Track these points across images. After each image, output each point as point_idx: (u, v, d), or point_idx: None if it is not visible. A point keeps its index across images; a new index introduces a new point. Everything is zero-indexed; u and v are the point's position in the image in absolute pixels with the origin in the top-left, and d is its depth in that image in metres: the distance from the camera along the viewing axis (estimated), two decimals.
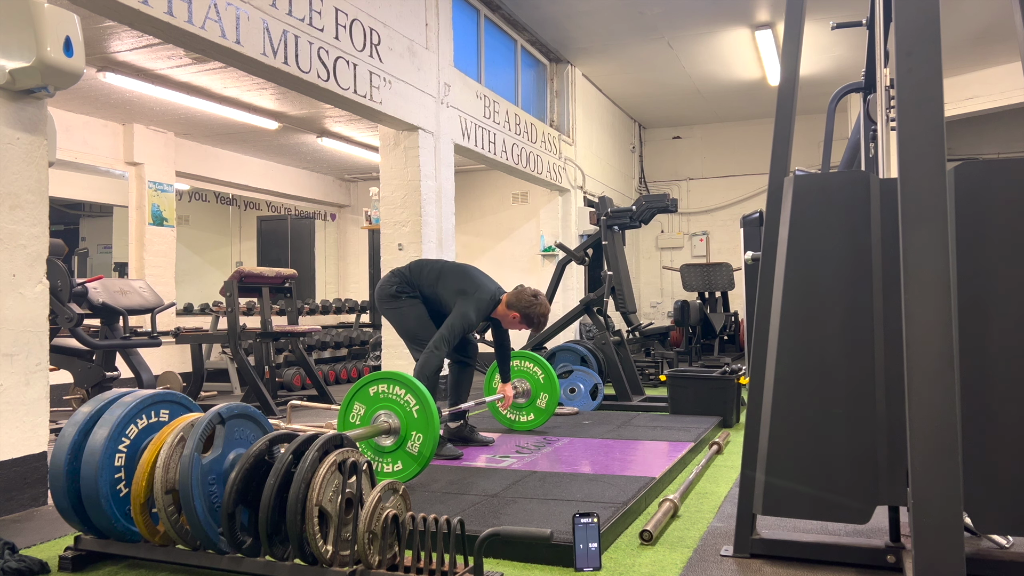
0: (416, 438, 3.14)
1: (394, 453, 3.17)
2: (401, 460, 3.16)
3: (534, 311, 3.99)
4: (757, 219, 4.10)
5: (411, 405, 3.16)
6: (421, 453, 3.13)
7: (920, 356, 1.87)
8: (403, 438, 3.16)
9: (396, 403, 3.19)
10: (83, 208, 9.69)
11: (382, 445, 3.19)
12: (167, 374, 6.65)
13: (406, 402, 3.18)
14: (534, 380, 4.66)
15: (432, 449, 3.13)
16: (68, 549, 2.41)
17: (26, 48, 3.00)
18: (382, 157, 6.29)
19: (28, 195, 3.13)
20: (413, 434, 3.15)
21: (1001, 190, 2.12)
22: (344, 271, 11.40)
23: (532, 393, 4.65)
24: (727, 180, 12.08)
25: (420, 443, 3.13)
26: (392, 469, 3.17)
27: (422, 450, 3.13)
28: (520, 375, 4.68)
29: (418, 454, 3.13)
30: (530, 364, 4.68)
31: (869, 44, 3.01)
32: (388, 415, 3.19)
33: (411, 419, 3.16)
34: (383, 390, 3.22)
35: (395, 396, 3.20)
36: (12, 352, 3.05)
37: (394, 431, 3.17)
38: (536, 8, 7.77)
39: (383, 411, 3.20)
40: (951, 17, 7.56)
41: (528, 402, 4.66)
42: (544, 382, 4.65)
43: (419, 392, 3.15)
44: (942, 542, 1.81)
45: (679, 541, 2.60)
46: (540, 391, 4.64)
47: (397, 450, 3.17)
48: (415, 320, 4.01)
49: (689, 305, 9.45)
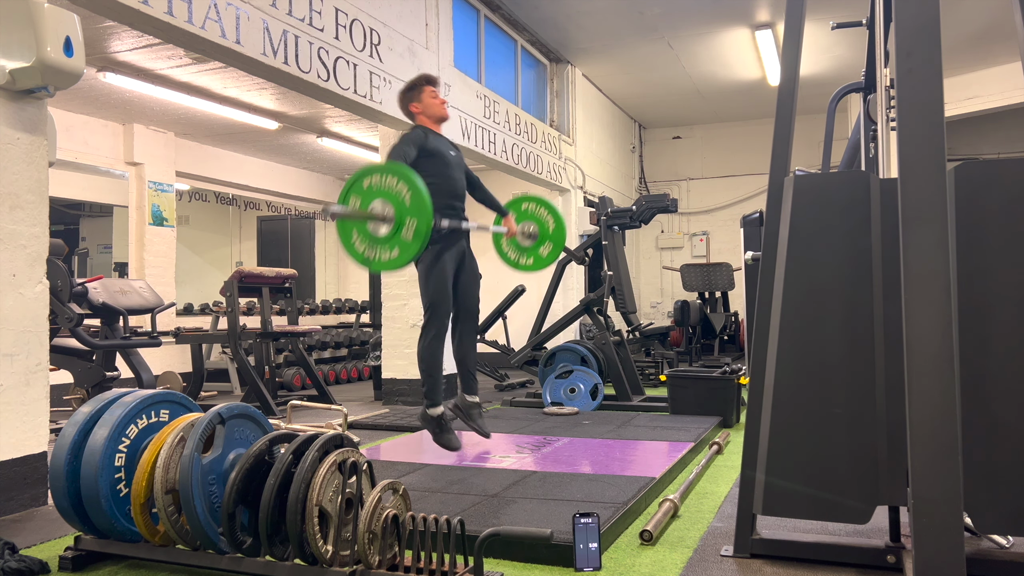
0: (410, 223, 3.20)
1: (391, 240, 3.24)
2: (398, 246, 3.22)
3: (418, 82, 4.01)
4: (757, 219, 4.10)
5: (403, 193, 3.22)
6: (416, 235, 3.18)
7: (920, 356, 1.87)
8: (398, 225, 3.21)
9: (388, 193, 3.24)
10: (83, 208, 9.69)
11: (379, 235, 3.25)
12: (167, 374, 6.65)
13: (398, 191, 3.23)
14: (543, 226, 4.63)
15: (427, 229, 3.18)
16: (68, 549, 2.41)
17: (26, 48, 3.00)
18: (382, 157, 6.28)
19: (28, 195, 3.13)
20: (408, 220, 3.20)
21: (1001, 190, 2.12)
22: (344, 271, 11.40)
23: (539, 238, 4.63)
24: (727, 180, 12.08)
25: (415, 227, 3.18)
26: (390, 256, 3.23)
27: (417, 232, 3.18)
28: (531, 219, 4.63)
29: (414, 237, 3.19)
30: (544, 210, 4.63)
31: (869, 44, 3.01)
32: (383, 203, 3.25)
33: (404, 206, 3.21)
34: (376, 181, 3.27)
35: (388, 187, 3.25)
36: (12, 352, 3.05)
37: (390, 218, 3.22)
38: (536, 8, 7.77)
39: (378, 200, 3.25)
40: (951, 17, 7.56)
41: (533, 246, 4.64)
42: (553, 232, 4.61)
43: (409, 179, 3.21)
44: (942, 542, 1.81)
45: (679, 541, 2.60)
46: (546, 239, 4.61)
47: (394, 237, 3.23)
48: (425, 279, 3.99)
49: (689, 305, 9.45)
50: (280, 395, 6.42)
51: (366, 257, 3.29)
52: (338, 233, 3.34)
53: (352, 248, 3.33)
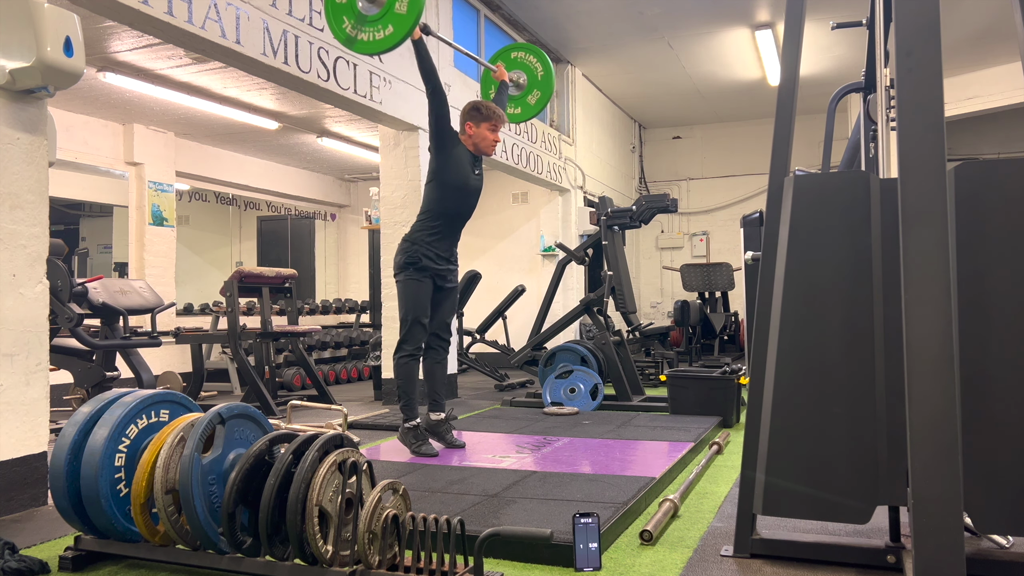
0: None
1: (383, 18, 3.13)
2: (391, 23, 3.12)
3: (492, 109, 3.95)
4: (757, 219, 4.10)
5: None
6: (409, 11, 3.07)
7: (920, 356, 1.87)
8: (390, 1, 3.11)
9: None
10: (83, 208, 9.69)
11: (368, 14, 3.14)
12: (167, 374, 6.65)
13: None
14: (532, 75, 4.56)
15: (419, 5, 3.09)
16: (68, 549, 2.41)
17: (26, 48, 3.00)
18: (382, 157, 6.29)
19: (28, 195, 3.13)
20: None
21: (1001, 190, 2.12)
22: (344, 271, 11.40)
23: (526, 87, 4.57)
24: (727, 180, 12.09)
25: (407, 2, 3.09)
26: (385, 34, 3.13)
27: (410, 9, 3.08)
28: (521, 67, 4.57)
29: (408, 11, 3.08)
30: (533, 58, 4.57)
31: (869, 44, 3.01)
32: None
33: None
34: None
35: None
36: (12, 352, 3.05)
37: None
38: (536, 8, 7.77)
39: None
40: (951, 17, 7.56)
41: (520, 95, 4.58)
42: (542, 79, 4.55)
43: None
44: (942, 542, 1.81)
45: (679, 541, 2.60)
46: (535, 87, 4.55)
47: (386, 15, 3.12)
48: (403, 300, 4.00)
49: (689, 305, 9.45)
50: (280, 395, 6.42)
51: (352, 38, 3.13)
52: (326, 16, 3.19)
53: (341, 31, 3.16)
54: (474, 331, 7.33)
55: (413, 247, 3.94)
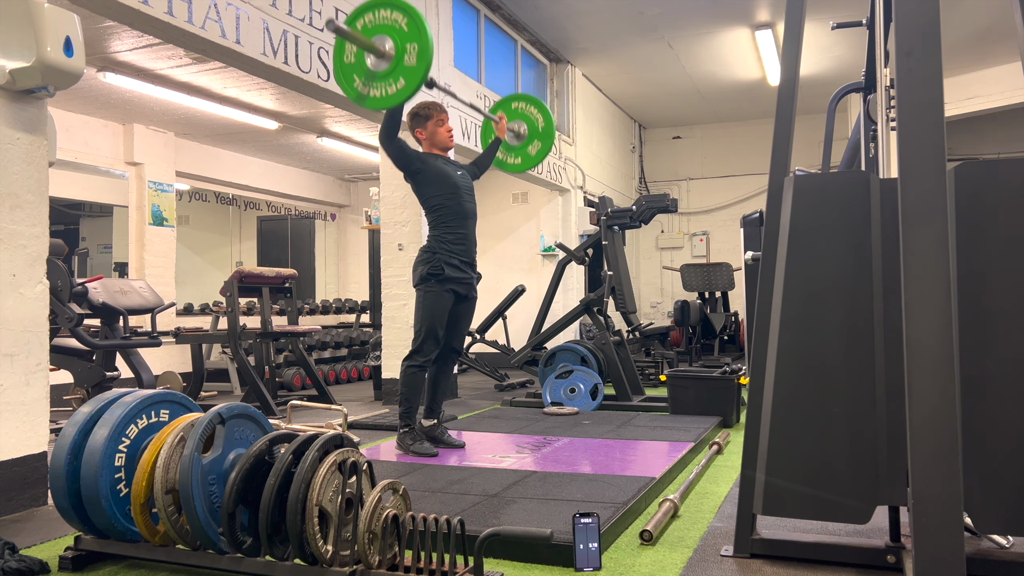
0: (412, 50, 3.13)
1: (394, 72, 3.16)
2: (402, 76, 3.14)
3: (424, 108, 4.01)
4: (757, 219, 4.11)
5: (400, 22, 3.15)
6: (420, 60, 3.11)
7: (920, 356, 1.87)
8: (400, 53, 3.14)
9: (385, 26, 3.18)
10: (83, 208, 9.69)
11: (378, 70, 3.17)
12: (167, 374, 6.65)
13: (394, 20, 3.16)
14: (533, 126, 4.59)
15: (429, 53, 3.13)
16: (68, 549, 2.41)
17: (26, 48, 3.00)
18: (382, 157, 6.29)
19: (28, 195, 3.13)
20: (408, 47, 3.14)
21: (1001, 190, 2.12)
22: (344, 271, 11.40)
23: (527, 138, 4.59)
24: (727, 180, 12.09)
25: (417, 53, 3.12)
26: (396, 88, 3.16)
27: (420, 58, 3.11)
28: (522, 118, 4.59)
29: (417, 63, 3.11)
30: (534, 109, 4.59)
31: (869, 44, 3.01)
32: (381, 39, 3.18)
33: (403, 34, 3.14)
34: (369, 20, 3.21)
35: (383, 20, 3.19)
36: (12, 352, 3.05)
37: (388, 54, 3.16)
38: (536, 8, 7.77)
39: (375, 37, 3.19)
40: (951, 17, 7.56)
41: (521, 145, 4.60)
42: (543, 130, 4.57)
43: (406, 8, 3.14)
44: (942, 542, 1.81)
45: (679, 541, 2.60)
46: (535, 137, 4.57)
47: (396, 68, 3.15)
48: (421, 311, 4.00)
49: (689, 305, 9.45)
50: (280, 395, 6.42)
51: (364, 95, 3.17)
52: (336, 76, 3.23)
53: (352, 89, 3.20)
54: (474, 331, 7.33)
55: (435, 256, 3.90)
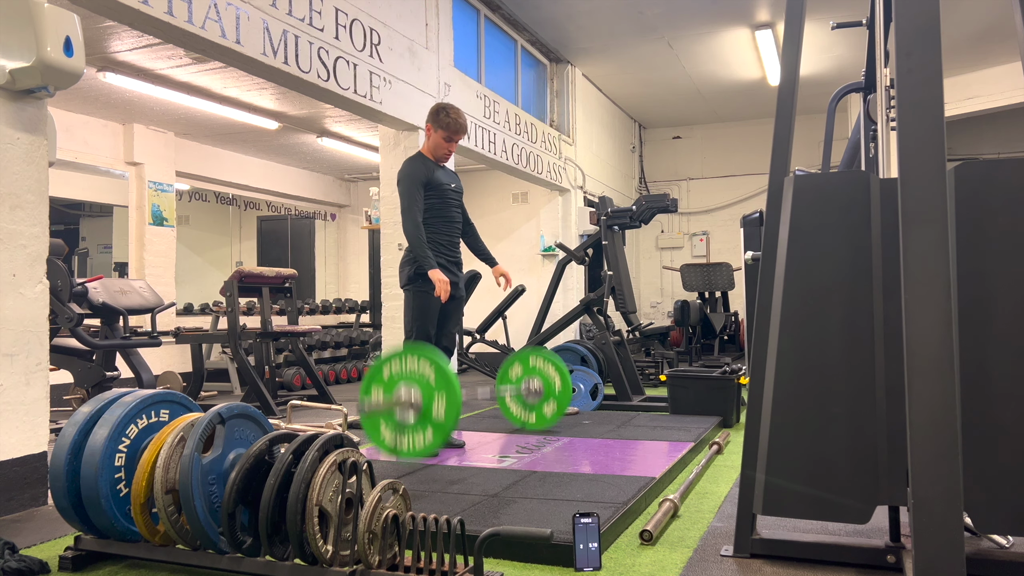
0: (440, 400, 3.20)
1: (423, 423, 3.22)
2: (431, 427, 3.21)
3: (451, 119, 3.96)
4: (757, 219, 4.10)
5: (427, 374, 3.22)
6: (449, 413, 3.18)
7: (920, 356, 1.87)
8: (428, 405, 3.21)
9: (412, 376, 3.24)
10: (83, 208, 9.69)
11: (407, 423, 3.23)
12: (167, 374, 6.65)
13: (422, 373, 3.23)
14: (549, 385, 4.60)
15: (458, 407, 3.19)
16: (68, 549, 2.41)
17: (26, 48, 3.00)
18: (382, 157, 6.29)
19: (28, 195, 3.13)
20: (436, 397, 3.21)
21: (1001, 190, 2.12)
22: (344, 271, 11.40)
23: (543, 396, 4.60)
24: (727, 180, 12.08)
25: (444, 405, 3.19)
26: (425, 441, 3.22)
27: (448, 410, 3.18)
28: (537, 375, 4.61)
29: (446, 416, 3.19)
30: (551, 368, 4.58)
31: (869, 44, 3.01)
32: (407, 389, 3.25)
33: (429, 387, 3.21)
34: (396, 370, 3.28)
35: (410, 371, 3.25)
36: (12, 352, 3.05)
37: (416, 404, 3.23)
38: (536, 8, 7.77)
39: (401, 386, 3.26)
40: (951, 17, 7.56)
41: (537, 404, 4.62)
42: (559, 392, 4.58)
43: (431, 359, 3.21)
44: (942, 542, 1.81)
45: (679, 541, 2.60)
46: (551, 397, 4.60)
47: (425, 419, 3.22)
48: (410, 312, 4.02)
49: (689, 305, 9.45)
50: (280, 395, 6.42)
51: (399, 448, 3.28)
52: (364, 429, 3.33)
53: (382, 442, 3.30)
54: (474, 331, 7.33)
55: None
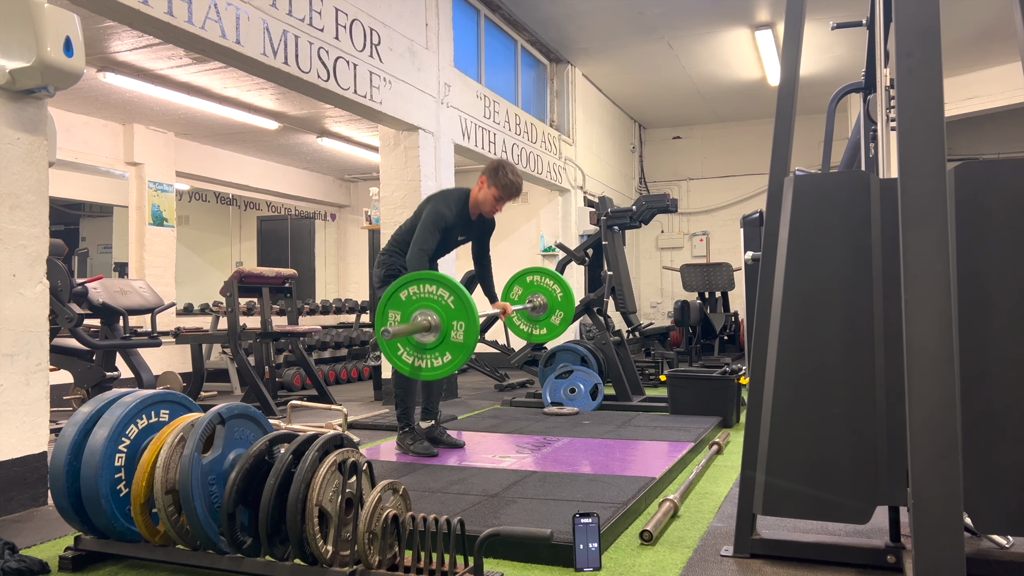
0: (459, 327, 3.20)
1: (440, 347, 3.23)
2: (449, 351, 3.22)
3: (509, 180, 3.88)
4: (757, 219, 4.10)
5: (446, 298, 3.22)
6: (466, 340, 3.19)
7: (920, 356, 1.87)
8: (446, 330, 3.21)
9: (430, 300, 3.24)
10: (83, 208, 9.69)
11: (425, 343, 3.24)
12: (167, 374, 6.65)
13: (440, 296, 3.22)
14: (551, 296, 4.71)
15: (475, 335, 3.18)
16: (68, 549, 2.41)
17: (26, 48, 3.00)
18: (382, 157, 6.29)
19: (28, 195, 3.13)
20: (455, 324, 3.21)
21: (1001, 190, 2.12)
22: (344, 271, 11.40)
23: (548, 309, 4.71)
24: (727, 180, 12.09)
25: (464, 331, 3.19)
26: (442, 362, 3.23)
27: (467, 337, 3.18)
28: (538, 290, 4.72)
29: (464, 342, 3.19)
30: (549, 280, 4.72)
31: (869, 44, 3.01)
32: (425, 313, 3.25)
33: (449, 311, 3.21)
34: (414, 292, 3.27)
35: (428, 294, 3.25)
36: (12, 352, 3.05)
37: (435, 327, 3.23)
38: (536, 8, 7.77)
39: (419, 311, 3.26)
40: (951, 17, 7.56)
41: (544, 316, 4.72)
42: (562, 300, 4.70)
43: (451, 285, 3.20)
44: (942, 542, 1.81)
45: (679, 541, 2.60)
46: (556, 308, 4.70)
47: (442, 343, 3.23)
48: None
49: (689, 305, 9.45)
50: (280, 395, 6.42)
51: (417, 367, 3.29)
52: (383, 350, 3.34)
53: (401, 361, 3.32)
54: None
55: (392, 259, 3.98)
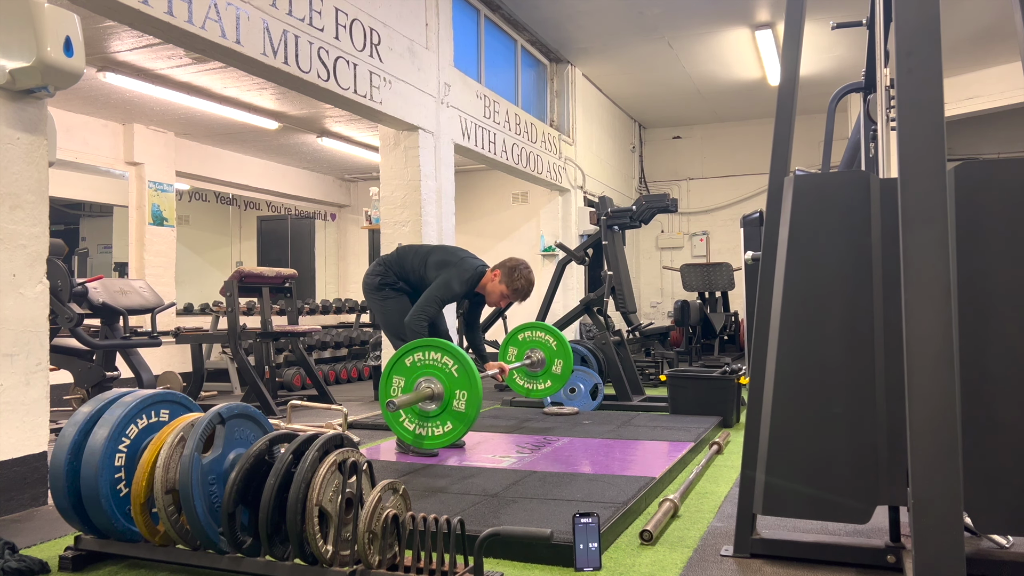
0: (461, 396, 3.22)
1: (441, 415, 3.25)
2: (449, 420, 3.23)
3: (521, 285, 3.99)
4: (757, 219, 4.10)
5: (450, 366, 3.23)
6: (468, 411, 3.20)
7: (920, 356, 1.87)
8: (448, 399, 3.23)
9: (434, 367, 3.26)
10: (83, 208, 9.69)
11: (427, 410, 3.25)
12: (167, 374, 6.65)
13: (444, 364, 3.24)
14: (547, 348, 4.75)
15: (478, 405, 3.20)
16: (68, 549, 2.41)
17: (26, 48, 3.00)
18: (382, 157, 6.29)
19: (28, 195, 3.13)
20: (457, 393, 3.22)
21: (1001, 190, 2.12)
22: (344, 271, 11.40)
23: (547, 361, 4.72)
24: (727, 180, 12.09)
25: (465, 400, 3.20)
26: (443, 431, 3.24)
27: (468, 407, 3.20)
28: (533, 345, 4.77)
29: (465, 411, 3.20)
30: (542, 333, 4.77)
31: (869, 44, 3.01)
32: (429, 380, 3.26)
33: (452, 379, 3.22)
34: (419, 358, 3.29)
35: (432, 361, 3.26)
36: (12, 352, 3.05)
37: (438, 395, 3.24)
38: (536, 8, 7.77)
39: (423, 378, 3.27)
40: (951, 17, 7.56)
41: (544, 370, 4.75)
42: (557, 348, 4.73)
43: (455, 353, 3.21)
44: (942, 542, 1.81)
45: (679, 541, 2.60)
46: (555, 358, 4.72)
47: (443, 412, 3.24)
48: (398, 315, 3.98)
49: (689, 305, 9.45)
50: (280, 395, 6.42)
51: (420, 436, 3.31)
52: (387, 420, 3.36)
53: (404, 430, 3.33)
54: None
55: (388, 269, 4.02)
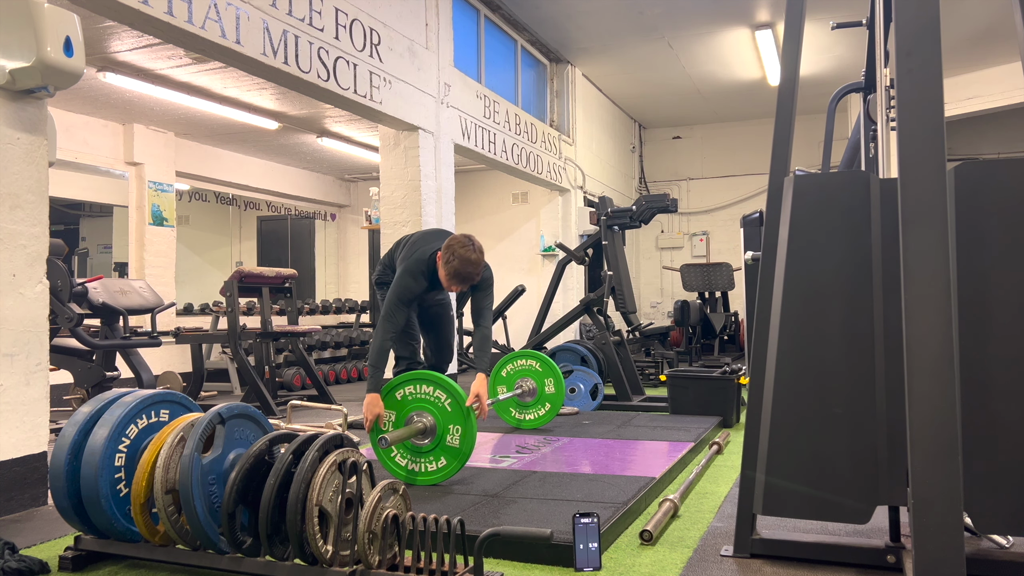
0: (455, 431, 3.15)
1: (435, 451, 3.17)
2: (443, 456, 3.17)
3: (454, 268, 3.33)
4: (757, 219, 4.10)
5: (443, 400, 3.16)
6: (462, 446, 3.14)
7: (920, 356, 1.87)
8: (441, 434, 3.15)
9: (427, 402, 3.18)
10: (83, 208, 9.68)
11: (420, 445, 3.18)
12: (167, 374, 6.64)
13: (436, 398, 3.17)
14: (534, 374, 4.70)
15: (472, 440, 3.12)
16: (68, 549, 2.41)
17: (26, 48, 3.00)
18: (382, 157, 6.29)
19: (28, 195, 3.13)
20: (451, 428, 3.15)
21: (1001, 190, 2.12)
22: (344, 271, 11.40)
23: (537, 393, 4.68)
24: (727, 180, 12.09)
25: (459, 436, 3.14)
26: (436, 467, 3.17)
27: (463, 442, 3.13)
28: (525, 374, 4.71)
29: (460, 447, 3.14)
30: (535, 363, 4.71)
31: (869, 44, 3.01)
32: (421, 415, 3.18)
33: (446, 414, 3.15)
34: (411, 392, 3.21)
35: (424, 395, 3.18)
36: (12, 352, 3.05)
37: (431, 429, 3.17)
38: (536, 8, 7.77)
39: (415, 412, 3.19)
40: (951, 17, 7.56)
41: (534, 401, 4.70)
42: (543, 370, 4.70)
43: (449, 387, 3.15)
44: (942, 542, 1.81)
45: (679, 541, 2.60)
46: (544, 378, 4.69)
47: (436, 447, 3.17)
48: None
49: (689, 305, 9.45)
50: (280, 395, 6.42)
51: (412, 471, 3.21)
52: (378, 456, 3.27)
53: (396, 465, 3.23)
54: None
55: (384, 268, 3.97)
